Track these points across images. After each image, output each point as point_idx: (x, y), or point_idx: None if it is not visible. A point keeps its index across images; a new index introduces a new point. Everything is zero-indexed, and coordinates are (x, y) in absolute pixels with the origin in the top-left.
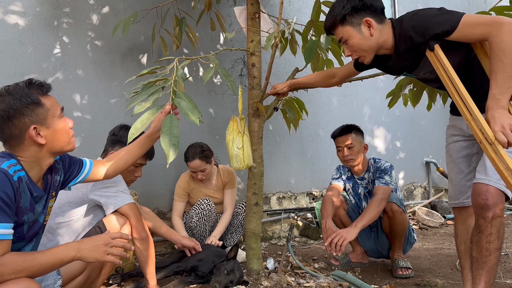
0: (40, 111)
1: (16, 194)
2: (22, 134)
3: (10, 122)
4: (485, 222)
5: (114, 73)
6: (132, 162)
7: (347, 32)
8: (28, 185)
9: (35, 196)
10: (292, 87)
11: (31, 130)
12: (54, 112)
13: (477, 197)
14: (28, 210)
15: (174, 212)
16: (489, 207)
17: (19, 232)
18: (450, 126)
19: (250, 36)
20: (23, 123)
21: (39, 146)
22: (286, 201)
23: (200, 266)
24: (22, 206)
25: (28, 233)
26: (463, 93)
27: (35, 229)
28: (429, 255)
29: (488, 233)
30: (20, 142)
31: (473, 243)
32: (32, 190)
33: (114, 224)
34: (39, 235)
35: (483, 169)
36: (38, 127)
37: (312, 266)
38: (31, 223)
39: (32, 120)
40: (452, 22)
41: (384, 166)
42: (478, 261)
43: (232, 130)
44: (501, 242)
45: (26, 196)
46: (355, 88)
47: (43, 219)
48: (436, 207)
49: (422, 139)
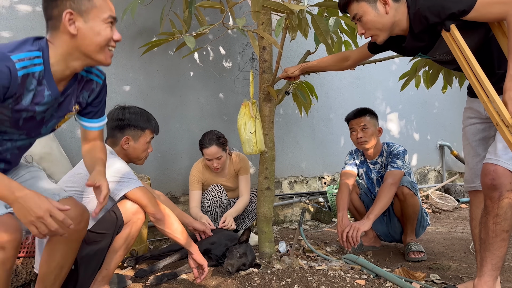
0: (84, 2)
1: (14, 89)
2: (60, 17)
3: (55, 1)
4: (492, 202)
5: (123, 58)
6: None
7: (362, 8)
8: (42, 81)
9: (48, 95)
10: (303, 71)
11: (66, 14)
12: (101, 12)
13: (484, 177)
14: (28, 110)
15: (191, 202)
16: (495, 187)
17: (14, 123)
18: (467, 108)
19: (261, 18)
20: (64, 5)
21: (71, 37)
22: (298, 185)
23: (213, 249)
24: (22, 103)
25: (24, 126)
26: (479, 75)
27: (33, 125)
28: (442, 239)
29: (494, 214)
30: (56, 26)
31: (481, 224)
32: (46, 87)
33: (129, 208)
34: (42, 132)
35: (493, 150)
36: (75, 15)
37: (324, 249)
38: (28, 118)
39: (72, 6)
40: (469, 1)
41: (397, 151)
42: (485, 242)
43: (244, 114)
44: (509, 224)
45: (29, 94)
46: (368, 71)
47: (54, 123)
48: (450, 190)
49: (436, 122)
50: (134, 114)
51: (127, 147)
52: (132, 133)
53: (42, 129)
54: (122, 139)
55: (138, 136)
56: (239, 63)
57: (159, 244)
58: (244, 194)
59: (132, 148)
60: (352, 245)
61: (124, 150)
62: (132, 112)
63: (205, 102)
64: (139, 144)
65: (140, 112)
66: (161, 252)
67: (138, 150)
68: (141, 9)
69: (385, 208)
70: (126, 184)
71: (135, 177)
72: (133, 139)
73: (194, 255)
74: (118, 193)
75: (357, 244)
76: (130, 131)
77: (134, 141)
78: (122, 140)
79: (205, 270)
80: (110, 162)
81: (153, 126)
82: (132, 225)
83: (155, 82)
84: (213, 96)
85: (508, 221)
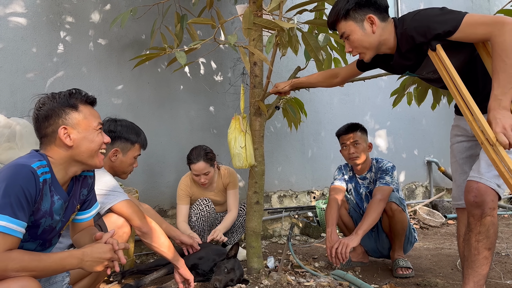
0: (75, 116)
1: (38, 195)
2: (54, 133)
3: (47, 121)
4: (474, 220)
5: (114, 70)
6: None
7: (349, 27)
8: (51, 188)
9: (57, 199)
10: (294, 86)
11: (61, 129)
12: (90, 121)
13: (467, 194)
14: (47, 214)
15: (179, 216)
16: (477, 204)
17: (32, 234)
18: (454, 126)
19: (252, 34)
20: (57, 123)
21: (67, 148)
22: (287, 200)
23: (201, 264)
24: (41, 209)
25: (42, 236)
26: (464, 94)
27: (49, 234)
28: (430, 255)
29: (477, 232)
30: (51, 142)
31: (464, 241)
32: (54, 192)
33: (115, 221)
34: (53, 242)
35: (476, 167)
36: (69, 129)
37: (313, 265)
38: (47, 227)
39: (64, 122)
40: (454, 22)
41: (386, 167)
42: (468, 260)
43: (234, 128)
44: (491, 242)
45: (47, 200)
46: (356, 87)
47: (60, 227)
48: (437, 206)
49: (424, 139)
50: (125, 127)
51: (115, 159)
52: (121, 146)
53: (54, 238)
54: (111, 150)
55: (127, 149)
56: (230, 77)
57: (145, 258)
58: (232, 209)
59: (120, 161)
60: (341, 261)
61: (111, 162)
62: (124, 125)
63: (195, 116)
64: (127, 157)
65: (132, 125)
66: (148, 266)
67: (125, 164)
68: (132, 22)
69: (374, 224)
70: (112, 198)
71: (121, 191)
72: (121, 152)
73: (181, 269)
74: (104, 206)
75: (345, 260)
76: (120, 143)
77: (123, 154)
78: (110, 152)
79: (191, 285)
80: (97, 176)
81: (143, 141)
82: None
83: (145, 95)
84: (203, 110)
85: (490, 238)
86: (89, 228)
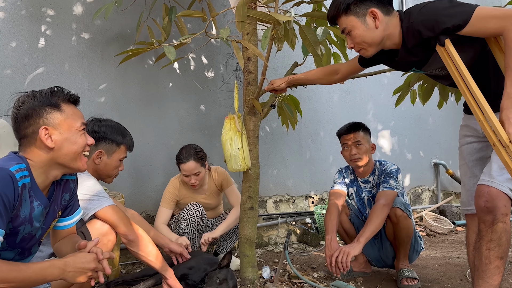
0: (57, 115)
1: (17, 201)
2: (35, 134)
3: (27, 121)
4: (486, 226)
5: (98, 66)
6: None
7: (350, 22)
8: (30, 193)
9: (37, 205)
10: (290, 83)
11: (42, 130)
12: (73, 122)
13: (478, 199)
14: (27, 220)
15: (158, 219)
16: (489, 209)
17: (11, 242)
18: (463, 126)
19: (246, 28)
20: (37, 123)
21: (48, 150)
22: (284, 205)
23: (191, 275)
24: (20, 215)
25: (21, 244)
26: (475, 92)
27: (28, 242)
28: (437, 264)
29: (488, 239)
30: (31, 143)
31: (475, 249)
32: (34, 198)
33: (98, 228)
34: (32, 251)
35: (488, 170)
36: (50, 129)
37: (311, 275)
38: (26, 235)
39: (45, 122)
40: (464, 15)
41: (390, 169)
42: (478, 269)
43: (229, 129)
44: (503, 251)
45: (27, 206)
46: (358, 84)
47: (40, 234)
48: (445, 212)
49: (431, 139)
50: (110, 128)
51: (99, 162)
52: (106, 147)
53: (34, 247)
54: (95, 152)
55: (112, 151)
56: (222, 73)
57: (132, 268)
58: (235, 205)
59: (104, 163)
60: (341, 270)
61: (95, 164)
62: (109, 125)
63: (185, 115)
64: (112, 160)
65: (117, 126)
66: (134, 277)
67: (109, 167)
68: (117, 14)
69: (377, 231)
70: (96, 203)
71: (106, 195)
72: (106, 154)
73: (169, 280)
74: (87, 212)
75: (346, 270)
76: (105, 144)
77: (108, 156)
78: (94, 154)
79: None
80: (80, 180)
81: (129, 142)
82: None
83: (131, 93)
84: (193, 108)
85: (502, 247)
86: (71, 236)
